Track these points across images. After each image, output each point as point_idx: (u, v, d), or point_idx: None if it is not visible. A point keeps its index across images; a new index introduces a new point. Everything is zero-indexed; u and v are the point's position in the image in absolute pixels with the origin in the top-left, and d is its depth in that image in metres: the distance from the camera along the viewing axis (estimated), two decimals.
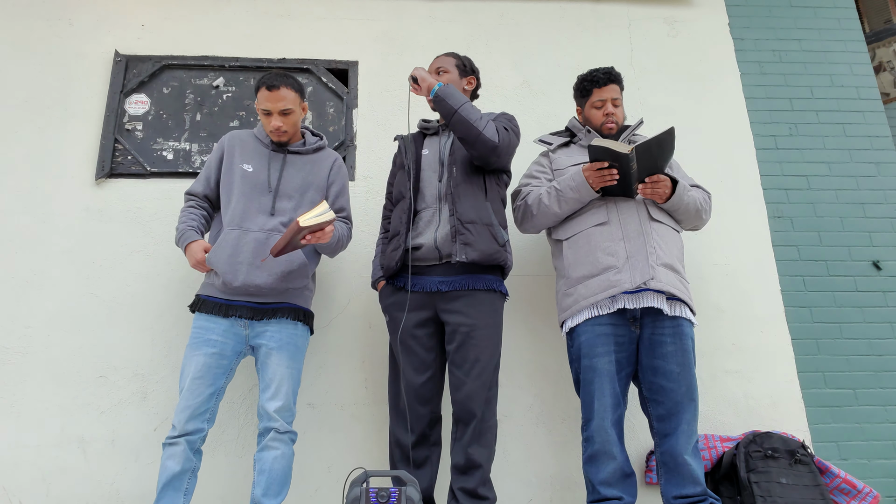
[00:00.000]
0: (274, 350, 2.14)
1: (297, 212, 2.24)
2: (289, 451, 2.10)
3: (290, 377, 2.14)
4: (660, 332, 2.18)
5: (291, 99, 2.26)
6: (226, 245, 2.14)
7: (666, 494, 2.11)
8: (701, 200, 2.35)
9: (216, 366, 2.10)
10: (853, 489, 2.38)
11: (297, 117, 2.30)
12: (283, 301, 2.19)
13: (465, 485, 2.08)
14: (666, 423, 2.14)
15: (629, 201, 2.28)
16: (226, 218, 2.22)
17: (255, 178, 2.25)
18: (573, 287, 2.25)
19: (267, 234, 2.16)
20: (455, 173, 2.26)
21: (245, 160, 2.29)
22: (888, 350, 2.82)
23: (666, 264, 2.19)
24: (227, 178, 2.28)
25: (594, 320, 2.19)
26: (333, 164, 2.38)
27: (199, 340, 2.12)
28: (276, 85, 2.23)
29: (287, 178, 2.28)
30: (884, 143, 3.17)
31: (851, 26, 3.40)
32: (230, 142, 2.35)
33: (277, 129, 2.26)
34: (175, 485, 2.00)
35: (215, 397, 2.10)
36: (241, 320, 2.15)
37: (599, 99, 2.41)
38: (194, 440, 2.04)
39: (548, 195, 2.31)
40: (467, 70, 2.46)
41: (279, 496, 2.06)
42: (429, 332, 2.23)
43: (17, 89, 2.92)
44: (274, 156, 2.31)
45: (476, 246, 2.16)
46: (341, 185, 2.37)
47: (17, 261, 2.66)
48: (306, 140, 2.38)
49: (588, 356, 2.18)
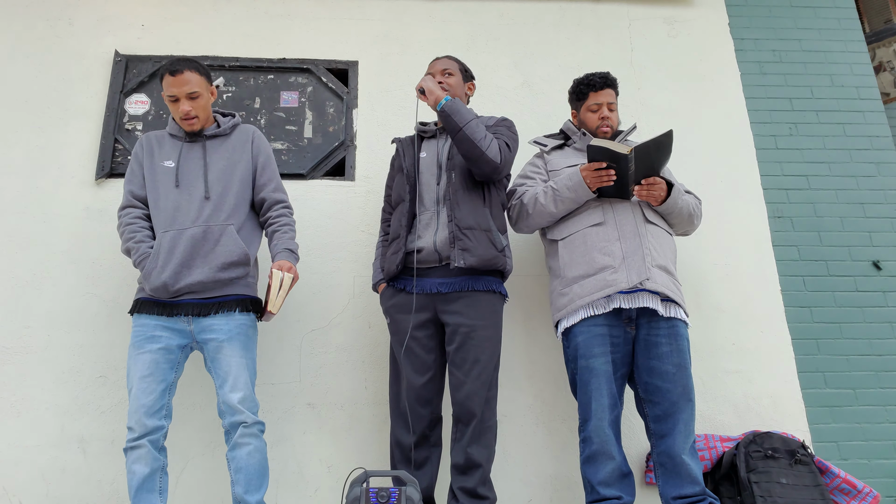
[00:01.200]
0: (225, 342, 2.09)
1: (226, 195, 2.18)
2: (261, 444, 2.07)
3: (245, 367, 2.10)
4: (655, 332, 2.18)
5: (196, 82, 2.19)
6: (161, 250, 2.09)
7: (665, 495, 2.11)
8: (693, 206, 2.38)
9: (163, 361, 2.07)
10: (853, 489, 2.38)
11: (205, 101, 2.23)
12: (227, 294, 2.13)
13: (465, 484, 2.08)
14: (662, 424, 2.14)
15: (625, 203, 2.29)
16: (157, 221, 2.16)
17: (178, 173, 2.19)
18: (568, 287, 2.25)
19: (203, 226, 2.11)
20: (454, 178, 2.27)
21: (164, 157, 2.23)
22: (888, 350, 2.82)
23: (660, 266, 2.20)
24: (151, 178, 2.21)
25: (590, 321, 2.19)
26: (253, 137, 2.32)
27: (141, 339, 2.07)
28: (180, 69, 2.17)
29: (212, 164, 2.22)
30: (884, 143, 3.17)
31: (851, 26, 3.40)
32: (146, 143, 2.28)
33: (187, 114, 2.19)
34: (148, 486, 1.98)
35: (168, 393, 2.07)
36: (185, 317, 2.10)
37: (595, 102, 2.43)
38: (156, 438, 2.01)
39: (544, 195, 2.31)
40: (468, 75, 2.49)
41: (261, 490, 2.04)
42: (429, 333, 2.24)
43: (17, 89, 2.92)
44: (192, 146, 2.25)
45: (474, 252, 2.16)
46: (266, 155, 2.32)
47: (17, 261, 2.66)
48: (219, 122, 2.32)
49: (585, 357, 2.18)
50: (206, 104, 2.24)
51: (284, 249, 2.17)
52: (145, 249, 2.13)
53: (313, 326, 2.67)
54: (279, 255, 2.16)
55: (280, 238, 2.21)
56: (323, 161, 2.94)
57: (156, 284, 2.07)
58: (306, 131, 2.99)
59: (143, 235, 2.16)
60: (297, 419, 2.55)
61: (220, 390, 2.08)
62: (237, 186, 2.22)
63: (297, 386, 2.59)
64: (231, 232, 2.14)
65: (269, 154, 2.35)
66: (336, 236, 2.81)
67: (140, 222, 2.19)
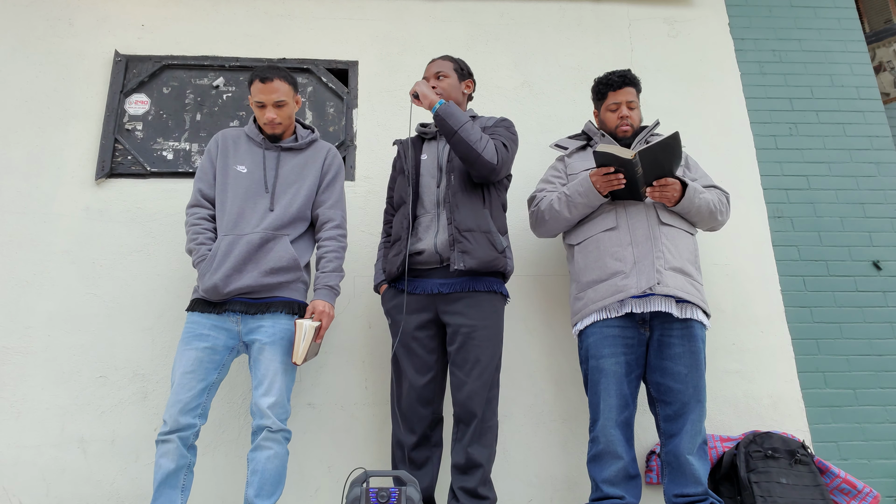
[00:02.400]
0: (267, 345, 2.11)
1: (290, 208, 2.21)
2: (282, 451, 2.07)
3: (283, 373, 2.11)
4: (668, 333, 2.18)
5: (285, 91, 2.25)
6: (218, 252, 2.13)
7: (668, 493, 2.12)
8: (716, 202, 2.34)
9: (207, 360, 2.08)
10: (853, 489, 2.38)
11: (290, 110, 2.28)
12: (275, 295, 2.16)
13: (466, 484, 2.08)
14: (672, 424, 2.15)
15: (639, 205, 2.29)
16: (221, 223, 2.20)
17: (249, 180, 2.23)
18: (583, 291, 2.27)
19: (261, 233, 2.14)
20: (453, 181, 2.27)
21: (238, 161, 2.27)
22: (888, 350, 2.82)
23: (675, 268, 2.19)
24: (222, 180, 2.25)
25: (602, 322, 2.21)
26: (327, 155, 2.35)
27: (189, 335, 2.11)
28: (270, 77, 2.22)
29: (282, 175, 2.26)
30: (884, 143, 3.17)
31: (851, 26, 3.40)
32: (223, 142, 2.32)
33: (272, 121, 2.24)
34: (171, 482, 1.99)
35: (207, 392, 2.08)
36: (234, 315, 2.13)
37: (614, 102, 2.42)
38: (187, 436, 2.02)
39: (558, 201, 2.33)
40: (465, 73, 2.47)
41: (273, 496, 2.04)
42: (430, 333, 2.24)
43: (17, 89, 2.92)
44: (268, 154, 2.29)
45: (474, 254, 2.17)
46: (334, 174, 2.34)
47: (17, 261, 2.66)
48: (298, 135, 2.36)
49: (595, 357, 2.19)
50: (290, 113, 2.29)
51: (324, 287, 2.19)
52: (204, 252, 2.16)
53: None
54: (316, 294, 2.18)
55: (322, 269, 2.22)
56: None
57: (207, 285, 2.11)
58: None
59: (206, 237, 2.20)
60: (297, 419, 2.55)
61: (254, 391, 2.10)
62: (301, 202, 2.24)
63: (297, 386, 2.59)
64: (285, 241, 2.16)
65: (339, 173, 2.36)
66: None
67: (205, 223, 2.23)
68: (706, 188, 2.40)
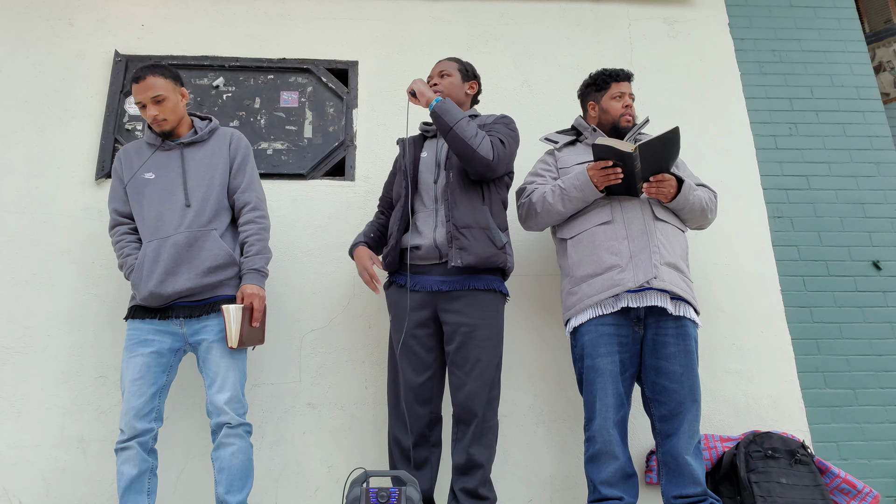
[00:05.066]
0: (214, 343, 2.11)
1: (207, 201, 2.19)
2: (245, 445, 2.08)
3: (234, 368, 2.11)
4: (663, 332, 2.18)
5: (161, 85, 2.20)
6: (146, 259, 2.13)
7: (666, 494, 2.11)
8: (707, 200, 2.35)
9: (155, 364, 2.09)
10: (853, 489, 2.38)
11: (172, 103, 2.23)
12: (217, 295, 2.16)
13: (466, 485, 2.08)
14: (668, 424, 2.14)
15: (633, 200, 2.28)
16: (143, 232, 2.19)
17: (160, 183, 2.21)
18: (577, 286, 2.25)
19: (185, 232, 2.13)
20: (451, 177, 2.27)
21: (144, 170, 2.25)
22: (888, 350, 2.82)
23: (669, 263, 2.19)
24: (133, 191, 2.23)
25: (598, 320, 2.19)
26: (232, 140, 2.32)
27: (133, 342, 2.11)
28: (143, 75, 2.19)
29: (191, 171, 2.23)
30: (884, 143, 3.17)
31: (851, 26, 3.40)
32: (124, 157, 2.30)
33: (155, 118, 2.20)
34: (135, 487, 2.00)
35: (158, 396, 2.09)
36: (177, 320, 2.13)
37: (619, 92, 2.42)
38: (145, 441, 2.03)
39: (552, 193, 2.31)
40: (469, 75, 2.48)
41: (243, 490, 2.05)
42: (429, 332, 2.23)
43: (17, 89, 2.92)
44: (171, 155, 2.26)
45: (472, 250, 2.16)
46: (242, 157, 2.31)
47: (17, 261, 2.66)
48: (196, 127, 2.32)
49: (591, 356, 2.18)
50: (174, 106, 2.24)
51: (250, 271, 2.18)
52: (132, 262, 2.17)
53: (313, 326, 2.67)
54: (244, 279, 2.17)
55: (246, 253, 2.21)
56: (323, 161, 2.94)
57: (144, 294, 2.11)
58: (306, 131, 2.99)
59: (131, 249, 2.21)
60: (297, 419, 2.55)
61: (208, 391, 2.10)
62: (217, 191, 2.23)
63: (297, 386, 2.59)
64: (214, 236, 2.16)
65: (247, 155, 2.34)
66: (336, 236, 2.81)
67: (128, 237, 2.24)
68: (698, 186, 2.40)
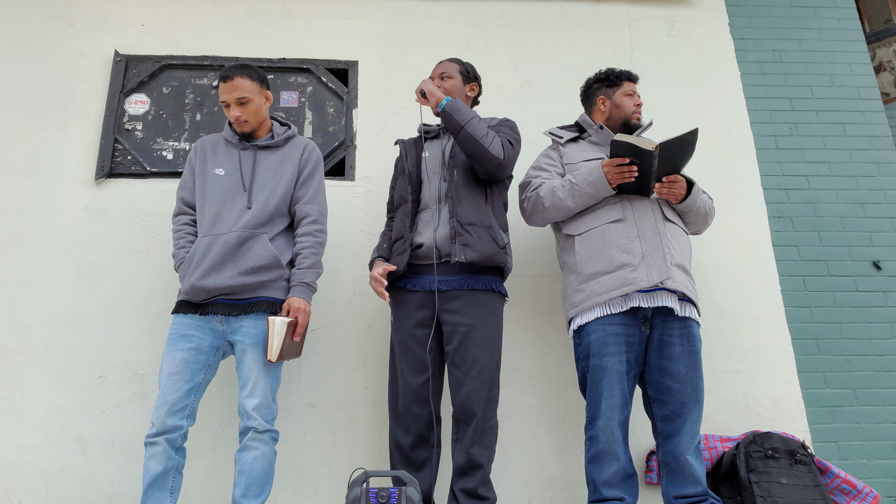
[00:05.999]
0: (249, 346, 2.11)
1: (267, 206, 2.20)
2: (269, 451, 2.08)
3: (266, 373, 2.11)
4: (669, 332, 2.18)
5: (247, 87, 2.24)
6: (196, 253, 2.14)
7: (667, 494, 2.11)
8: (709, 205, 2.38)
9: (193, 361, 2.09)
10: (853, 489, 2.38)
11: (256, 106, 2.27)
12: (257, 295, 2.15)
13: (466, 485, 2.08)
14: (670, 424, 2.14)
15: (644, 200, 2.27)
16: (200, 226, 2.21)
17: (227, 181, 2.23)
18: (585, 283, 2.22)
19: (238, 232, 2.14)
20: (456, 176, 2.27)
21: (216, 164, 2.27)
22: (888, 350, 2.82)
23: (679, 265, 2.19)
24: (201, 184, 2.26)
25: (605, 319, 2.17)
26: (304, 150, 2.34)
27: (175, 336, 2.11)
28: (231, 76, 2.23)
29: (259, 173, 2.25)
30: (884, 143, 3.17)
31: (851, 26, 3.40)
32: (201, 148, 2.33)
33: (237, 118, 2.24)
34: (159, 484, 1.99)
35: (194, 393, 2.08)
36: (217, 316, 2.13)
37: (631, 90, 2.44)
38: (174, 438, 2.02)
39: (562, 188, 2.28)
40: (470, 76, 2.48)
41: (260, 497, 2.04)
42: (428, 332, 2.23)
43: (17, 89, 2.92)
44: (244, 154, 2.29)
45: (475, 247, 2.17)
46: (312, 168, 2.32)
47: (17, 261, 2.66)
48: (274, 132, 2.35)
49: (598, 355, 2.16)
50: (257, 109, 2.27)
51: (299, 283, 2.18)
52: (182, 255, 2.19)
53: (313, 326, 2.67)
54: (292, 291, 2.17)
55: (298, 266, 2.21)
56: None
57: (186, 287, 2.12)
58: (306, 131, 2.99)
59: (186, 241, 2.22)
60: (297, 419, 2.55)
61: (240, 392, 2.10)
62: (280, 198, 2.24)
63: (297, 386, 2.59)
64: (263, 239, 2.16)
65: (316, 167, 2.35)
66: (336, 236, 2.81)
67: (186, 228, 2.25)
68: None
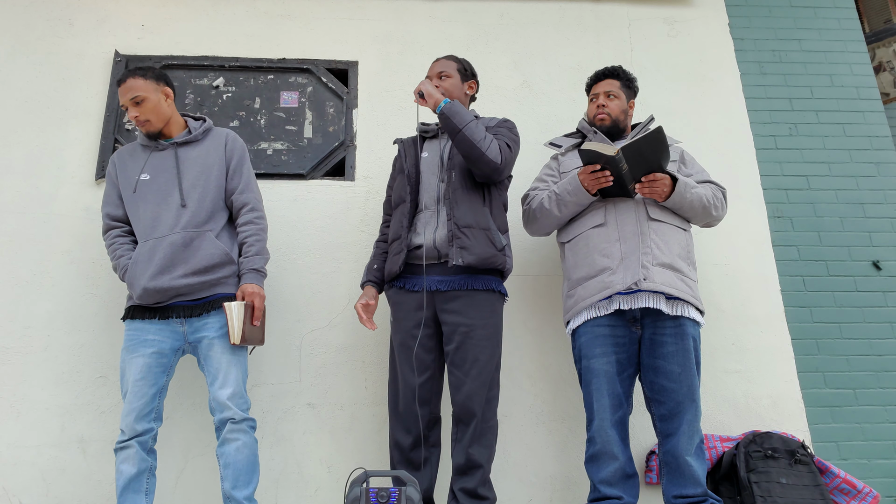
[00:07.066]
0: (215, 339, 2.12)
1: (203, 202, 2.19)
2: (250, 440, 2.08)
3: (236, 364, 2.12)
4: (661, 332, 2.18)
5: (140, 86, 2.21)
6: (140, 258, 2.13)
7: (667, 494, 2.12)
8: (710, 196, 2.32)
9: (156, 365, 2.10)
10: (853, 489, 2.38)
11: (153, 104, 2.23)
12: (215, 293, 2.16)
13: (466, 485, 2.08)
14: (668, 424, 2.15)
15: (628, 202, 2.29)
16: (138, 232, 2.20)
17: (155, 184, 2.21)
18: (573, 289, 2.28)
19: (182, 232, 2.13)
20: (454, 178, 2.27)
21: (139, 170, 2.25)
22: (888, 350, 2.82)
23: (664, 264, 2.18)
24: (129, 193, 2.24)
25: (593, 321, 2.21)
26: (227, 140, 2.33)
27: (134, 342, 2.11)
28: (123, 79, 2.21)
29: (186, 170, 2.24)
30: (884, 143, 3.17)
31: (851, 26, 3.40)
32: (119, 159, 2.31)
33: (136, 119, 2.22)
34: (134, 486, 2.01)
35: (159, 396, 2.11)
36: (178, 319, 2.14)
37: (594, 93, 2.51)
38: (145, 440, 2.05)
39: (548, 199, 2.35)
40: (468, 74, 2.47)
41: (249, 486, 2.05)
42: (429, 332, 2.23)
43: (17, 89, 2.92)
44: (165, 155, 2.27)
45: (472, 250, 2.17)
46: (238, 158, 2.32)
47: (17, 261, 2.66)
48: (190, 127, 2.33)
49: (587, 357, 2.20)
50: (154, 106, 2.23)
51: (249, 271, 2.19)
52: (125, 262, 2.17)
53: (313, 326, 2.67)
54: (244, 278, 2.19)
55: (245, 254, 2.22)
56: (323, 161, 2.94)
57: (138, 291, 2.11)
58: (306, 131, 2.99)
59: (125, 250, 2.21)
60: (297, 419, 2.55)
61: (210, 387, 2.11)
62: (213, 192, 2.23)
63: (297, 386, 2.59)
64: (209, 237, 2.17)
65: (243, 156, 2.34)
66: (336, 236, 2.81)
67: (121, 239, 2.24)
68: (701, 183, 2.39)
